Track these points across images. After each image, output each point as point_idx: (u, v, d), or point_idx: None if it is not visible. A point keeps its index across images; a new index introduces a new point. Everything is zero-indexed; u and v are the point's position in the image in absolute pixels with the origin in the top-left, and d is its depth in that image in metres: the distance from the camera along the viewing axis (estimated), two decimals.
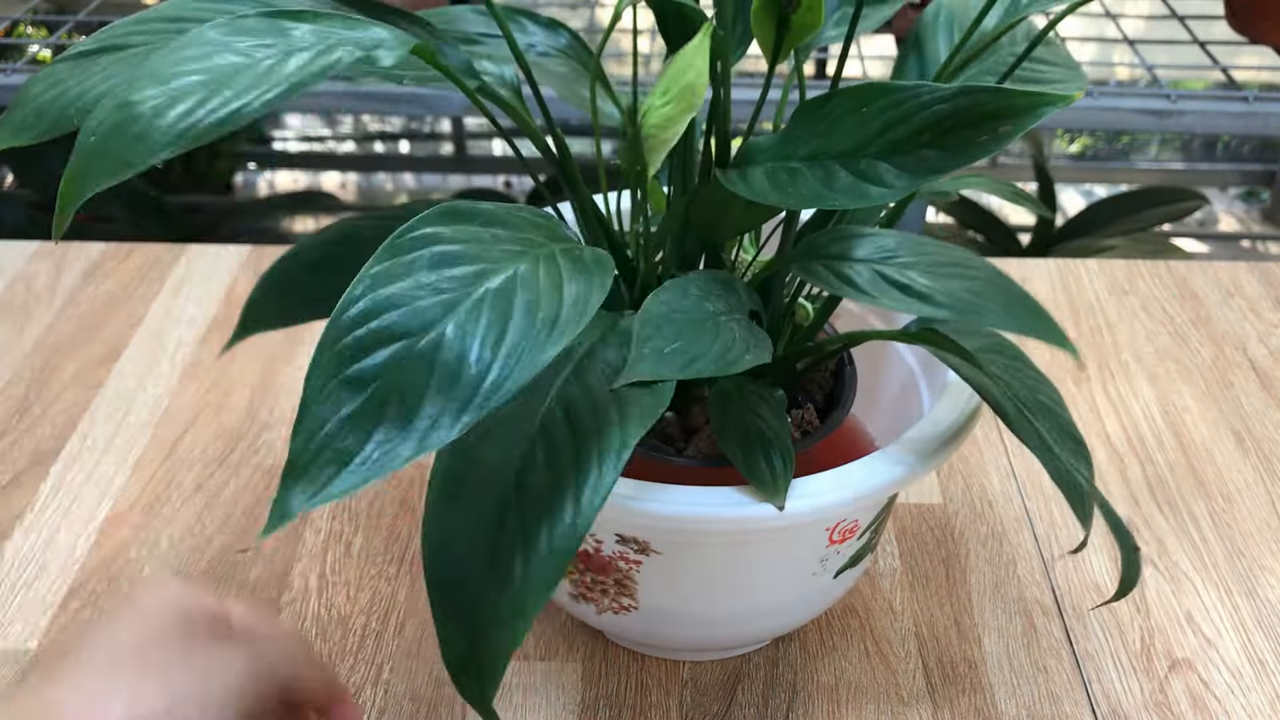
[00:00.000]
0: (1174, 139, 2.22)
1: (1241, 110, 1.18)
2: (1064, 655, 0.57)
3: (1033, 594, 0.60)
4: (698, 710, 0.54)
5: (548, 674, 0.55)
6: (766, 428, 0.45)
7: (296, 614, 0.58)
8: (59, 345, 0.76)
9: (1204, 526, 0.64)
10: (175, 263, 0.85)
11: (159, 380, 0.74)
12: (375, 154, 2.32)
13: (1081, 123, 1.22)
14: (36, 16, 1.64)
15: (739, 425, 0.45)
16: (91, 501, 0.65)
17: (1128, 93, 1.22)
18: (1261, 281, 0.86)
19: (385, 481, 0.66)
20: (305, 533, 0.63)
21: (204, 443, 0.69)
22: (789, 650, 0.57)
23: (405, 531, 0.63)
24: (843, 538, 0.49)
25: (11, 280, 0.83)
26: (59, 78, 0.39)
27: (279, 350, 0.76)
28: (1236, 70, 1.28)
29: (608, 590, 0.50)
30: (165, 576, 0.44)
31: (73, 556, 0.61)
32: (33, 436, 0.69)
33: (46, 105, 0.38)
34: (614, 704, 0.54)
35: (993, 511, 0.65)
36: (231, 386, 0.73)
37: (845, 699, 0.55)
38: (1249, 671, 0.56)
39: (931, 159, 0.41)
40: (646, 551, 0.47)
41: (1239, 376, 0.76)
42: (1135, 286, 0.85)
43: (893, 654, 0.57)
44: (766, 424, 0.46)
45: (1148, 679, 0.56)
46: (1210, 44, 1.30)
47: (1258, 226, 2.16)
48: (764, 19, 0.44)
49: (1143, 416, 0.72)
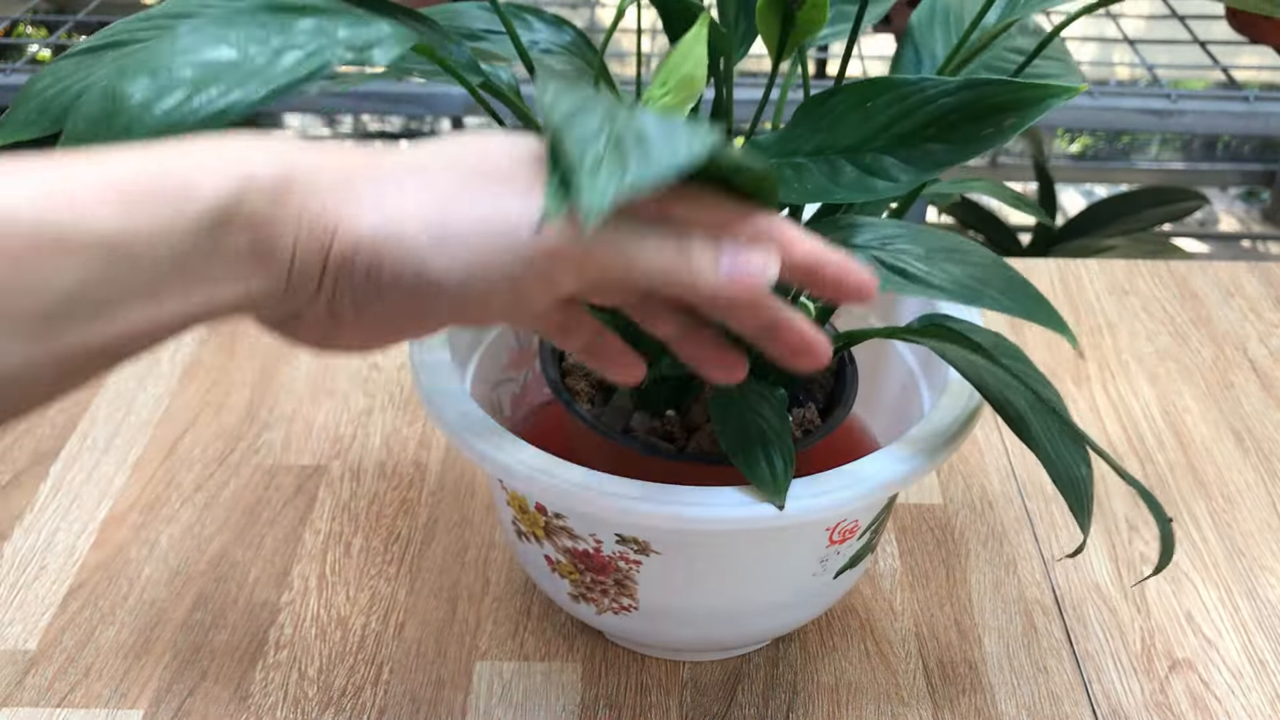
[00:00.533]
0: (1174, 139, 2.22)
1: (1242, 110, 1.18)
2: (1064, 655, 0.57)
3: (1033, 594, 0.60)
4: (698, 710, 0.54)
5: (548, 674, 0.55)
6: (767, 426, 0.45)
7: (296, 614, 0.58)
8: None
9: (1204, 526, 0.64)
10: None
11: (159, 380, 0.74)
12: None
13: (1082, 122, 1.22)
14: (36, 16, 1.64)
15: (740, 424, 0.45)
16: (91, 501, 0.65)
17: (1128, 92, 1.22)
18: (1262, 281, 0.86)
19: (385, 482, 0.66)
20: (305, 533, 0.63)
21: (204, 442, 0.69)
22: (789, 650, 0.57)
23: (405, 531, 0.63)
24: (843, 538, 0.49)
25: None
26: (63, 74, 0.39)
27: (279, 350, 0.76)
28: (1237, 70, 1.28)
29: (608, 590, 0.50)
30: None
31: (72, 556, 0.61)
32: (32, 436, 0.69)
33: (49, 101, 0.38)
34: (614, 704, 0.54)
35: (993, 512, 0.65)
36: (232, 386, 0.73)
37: (845, 699, 0.55)
38: (1249, 671, 0.56)
39: (937, 152, 0.41)
40: (646, 552, 0.47)
41: (1239, 376, 0.76)
42: (1135, 286, 0.85)
43: (893, 654, 0.57)
44: (767, 423, 0.46)
45: (1148, 679, 0.56)
46: (1210, 44, 1.30)
47: (1258, 226, 2.16)
48: (769, 15, 0.44)
49: (1143, 416, 0.72)
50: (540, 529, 0.50)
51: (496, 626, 0.58)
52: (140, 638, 0.57)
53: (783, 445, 0.45)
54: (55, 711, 0.53)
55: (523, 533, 0.51)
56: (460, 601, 0.59)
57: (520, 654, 0.56)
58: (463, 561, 0.61)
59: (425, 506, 0.65)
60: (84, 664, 0.56)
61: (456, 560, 0.61)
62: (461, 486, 0.66)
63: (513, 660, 0.56)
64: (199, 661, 0.56)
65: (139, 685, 0.55)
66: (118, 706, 0.54)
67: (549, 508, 0.48)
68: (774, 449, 0.45)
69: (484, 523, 0.64)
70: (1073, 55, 0.51)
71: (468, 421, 0.47)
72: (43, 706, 0.53)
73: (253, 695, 0.54)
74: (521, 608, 0.59)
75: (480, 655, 0.56)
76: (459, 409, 0.48)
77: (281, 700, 0.54)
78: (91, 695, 0.54)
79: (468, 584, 0.60)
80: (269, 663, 0.56)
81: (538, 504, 0.48)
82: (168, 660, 0.56)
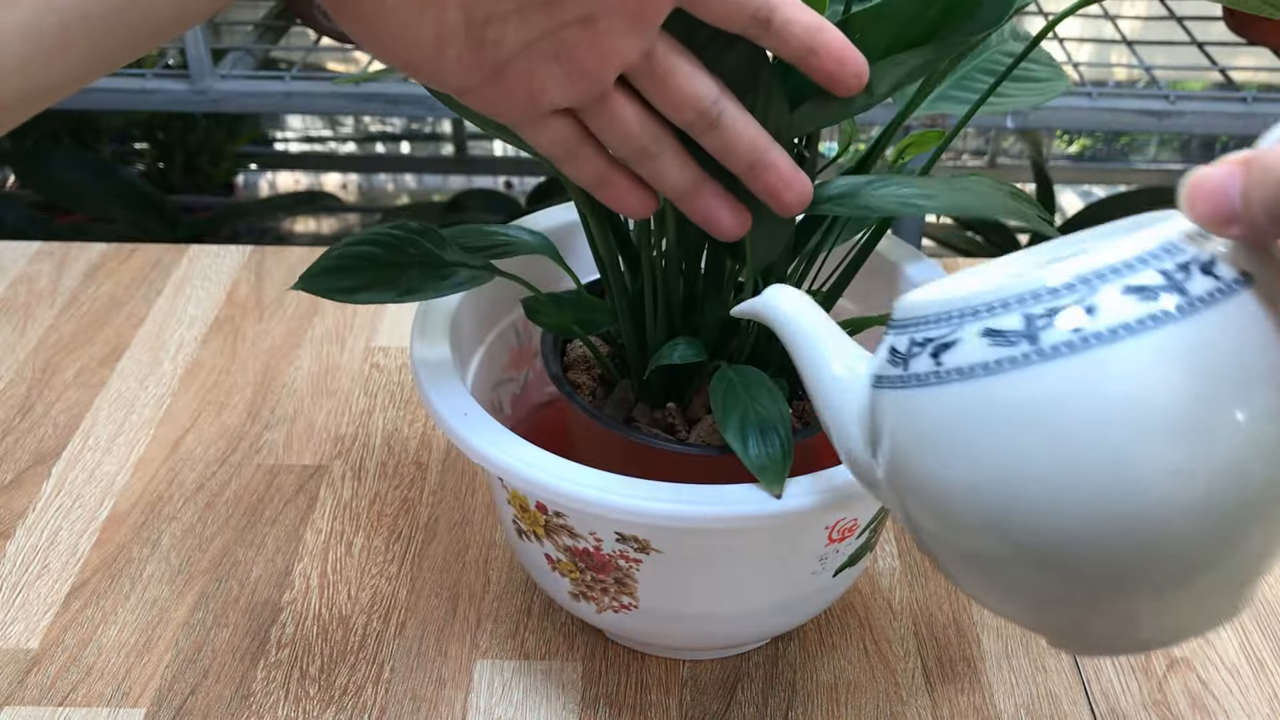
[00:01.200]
0: (1172, 140, 2.22)
1: (1240, 111, 1.18)
2: (1062, 654, 0.57)
3: None
4: (697, 709, 0.54)
5: (548, 673, 0.56)
6: (767, 416, 0.46)
7: (297, 613, 0.58)
8: (61, 345, 0.77)
9: None
10: (176, 263, 0.85)
11: (160, 380, 0.74)
12: (376, 155, 2.33)
13: (1080, 123, 1.22)
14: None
15: (740, 413, 0.46)
16: (93, 501, 0.65)
17: (1126, 93, 1.22)
18: None
19: (386, 481, 0.66)
20: (306, 533, 0.63)
21: (206, 442, 0.69)
22: (788, 649, 0.57)
23: (406, 531, 0.63)
24: (842, 536, 0.49)
25: (13, 281, 0.83)
26: None
27: (280, 350, 0.76)
28: (1235, 71, 1.28)
29: (607, 589, 0.51)
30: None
31: (74, 555, 0.61)
32: (34, 436, 0.69)
33: None
34: (614, 703, 0.54)
35: None
36: (233, 386, 0.73)
37: (844, 698, 0.55)
38: (1247, 671, 0.57)
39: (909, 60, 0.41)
40: (646, 550, 0.48)
41: None
42: None
43: (892, 653, 0.57)
44: (767, 412, 0.46)
45: (1146, 678, 0.56)
46: (1208, 45, 1.31)
47: None
48: None
49: None
50: (540, 527, 0.50)
51: (497, 625, 0.58)
52: (142, 636, 0.57)
53: (782, 434, 0.45)
54: (57, 710, 0.54)
55: (523, 531, 0.51)
56: (461, 600, 0.59)
57: (521, 653, 0.57)
58: (463, 560, 0.62)
59: (426, 506, 0.65)
60: (86, 663, 0.56)
61: (457, 559, 0.62)
62: (462, 486, 0.66)
63: (513, 659, 0.56)
64: (201, 660, 0.56)
65: (141, 684, 0.55)
66: (119, 705, 0.54)
67: (549, 506, 0.48)
68: (773, 437, 0.45)
69: (484, 522, 0.64)
70: (1070, 56, 0.51)
71: (468, 421, 0.48)
72: (45, 705, 0.54)
73: (254, 694, 0.54)
74: (522, 606, 0.59)
75: (481, 654, 0.57)
76: (460, 408, 0.48)
77: (283, 699, 0.54)
78: (93, 694, 0.54)
79: (468, 583, 0.60)
80: (271, 661, 0.56)
81: (538, 503, 0.49)
82: (169, 659, 0.56)
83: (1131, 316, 0.30)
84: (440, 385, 0.50)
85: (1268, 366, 0.30)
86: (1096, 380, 0.30)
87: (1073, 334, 0.31)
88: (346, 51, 1.95)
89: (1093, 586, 0.32)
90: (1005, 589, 0.34)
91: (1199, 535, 0.31)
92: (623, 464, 0.46)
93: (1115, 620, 0.33)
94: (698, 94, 0.40)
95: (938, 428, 0.33)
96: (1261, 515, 0.31)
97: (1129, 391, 0.30)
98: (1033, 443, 0.31)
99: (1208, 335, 0.30)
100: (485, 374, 0.59)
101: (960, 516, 0.33)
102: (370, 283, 0.49)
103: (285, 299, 0.81)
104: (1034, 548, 0.32)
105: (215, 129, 1.97)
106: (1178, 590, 0.32)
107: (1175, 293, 0.30)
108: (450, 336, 0.53)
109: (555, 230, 0.58)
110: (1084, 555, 0.31)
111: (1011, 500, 0.31)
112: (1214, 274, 0.31)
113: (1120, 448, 0.30)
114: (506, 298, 0.58)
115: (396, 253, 0.50)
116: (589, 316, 0.52)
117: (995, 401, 0.32)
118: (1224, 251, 0.31)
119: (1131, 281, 0.31)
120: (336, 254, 0.50)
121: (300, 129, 2.30)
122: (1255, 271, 0.31)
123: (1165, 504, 0.30)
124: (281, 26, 1.55)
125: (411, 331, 0.53)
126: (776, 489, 0.44)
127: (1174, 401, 0.30)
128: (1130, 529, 0.30)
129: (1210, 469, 0.30)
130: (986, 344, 0.32)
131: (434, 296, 0.50)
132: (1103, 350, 0.30)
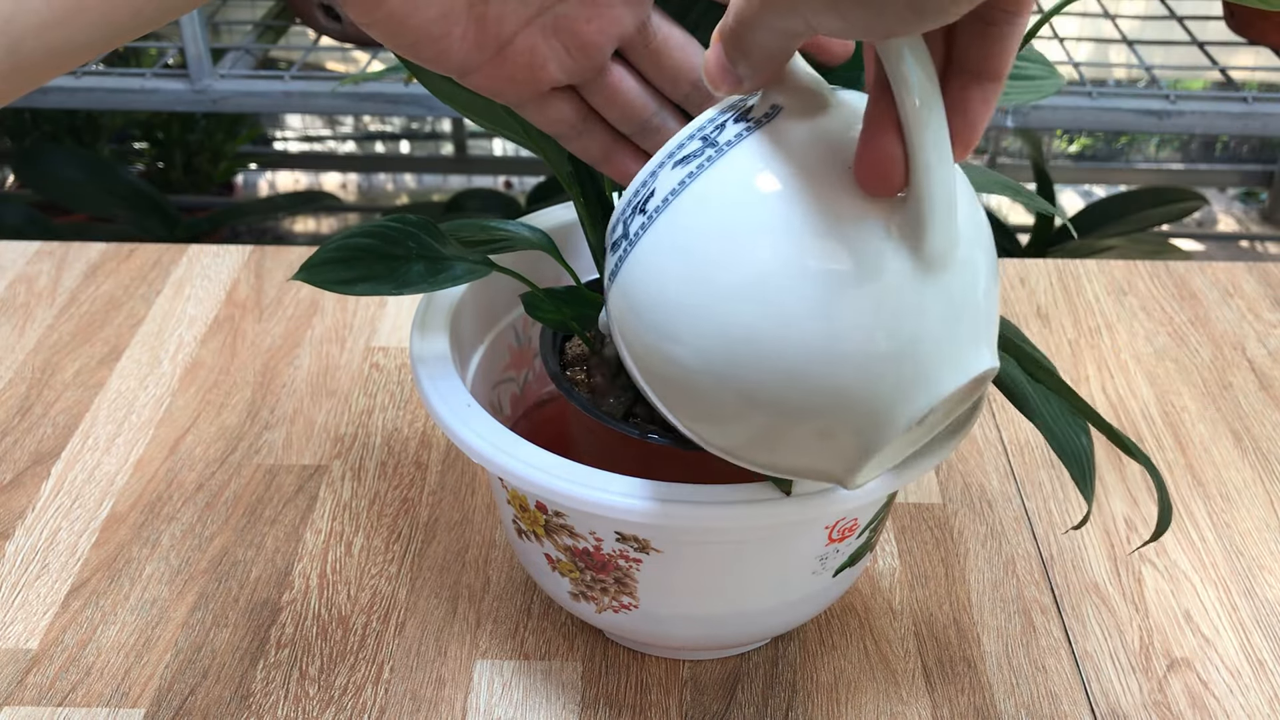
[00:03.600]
0: (1173, 139, 2.22)
1: (1240, 110, 1.18)
2: (1063, 654, 0.57)
3: (1031, 593, 0.60)
4: (697, 709, 0.54)
5: (548, 673, 0.56)
6: None
7: (297, 613, 0.58)
8: (60, 345, 0.77)
9: (1203, 526, 0.65)
10: (176, 263, 0.85)
11: (160, 380, 0.74)
12: (376, 154, 2.33)
13: (1081, 123, 1.22)
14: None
15: None
16: (93, 501, 0.65)
17: (1126, 93, 1.22)
18: (1260, 282, 0.86)
19: (386, 481, 0.66)
20: (306, 533, 0.63)
21: (205, 442, 0.69)
22: (789, 649, 0.57)
23: (406, 531, 0.63)
24: (842, 536, 0.49)
25: (12, 280, 0.83)
26: None
27: (279, 350, 0.76)
28: (1235, 70, 1.28)
29: (608, 589, 0.51)
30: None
31: (74, 555, 0.61)
32: (34, 436, 0.69)
33: None
34: (614, 703, 0.54)
35: (992, 511, 0.65)
36: (232, 386, 0.73)
37: (844, 698, 0.55)
38: (1248, 671, 0.57)
39: None
40: (646, 550, 0.48)
41: (1238, 377, 0.76)
42: (1134, 286, 0.85)
43: (892, 653, 0.57)
44: None
45: (1146, 678, 0.56)
46: (1208, 44, 1.31)
47: (1256, 227, 2.17)
48: None
49: (1141, 416, 0.73)
50: (540, 527, 0.50)
51: (497, 625, 0.58)
52: (141, 637, 0.57)
53: None
54: (57, 710, 0.53)
55: (523, 531, 0.51)
56: (461, 600, 0.59)
57: (521, 653, 0.57)
58: (463, 560, 0.62)
59: (426, 506, 0.65)
60: (85, 663, 0.56)
61: (457, 559, 0.62)
62: (462, 486, 0.66)
63: (513, 659, 0.56)
64: (200, 660, 0.56)
65: (140, 684, 0.55)
66: (119, 705, 0.54)
67: (549, 506, 0.48)
68: None
69: (484, 522, 0.64)
70: (1069, 55, 0.51)
71: (468, 421, 0.48)
72: (44, 705, 0.54)
73: (254, 694, 0.54)
74: (522, 606, 0.59)
75: (481, 654, 0.57)
76: (460, 408, 0.48)
77: (283, 699, 0.54)
78: (93, 694, 0.54)
79: (468, 583, 0.60)
80: (270, 662, 0.56)
81: (538, 502, 0.48)
82: (169, 659, 0.56)
83: (675, 180, 0.37)
84: (440, 385, 0.50)
85: (804, 170, 0.36)
86: (671, 235, 0.37)
87: (648, 217, 0.38)
88: (346, 51, 1.94)
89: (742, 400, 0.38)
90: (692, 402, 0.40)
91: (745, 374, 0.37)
92: (622, 462, 0.46)
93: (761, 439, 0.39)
94: (693, 65, 0.42)
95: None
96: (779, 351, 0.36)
97: (686, 243, 0.37)
98: (667, 278, 0.38)
99: (738, 166, 0.37)
100: (485, 374, 0.58)
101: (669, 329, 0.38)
102: (369, 274, 0.50)
103: (285, 299, 0.81)
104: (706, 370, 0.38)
105: (215, 128, 1.97)
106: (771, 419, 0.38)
107: (709, 147, 0.37)
108: (450, 336, 0.53)
109: (555, 229, 0.58)
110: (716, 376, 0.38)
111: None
112: (747, 119, 0.37)
113: (692, 294, 0.37)
114: (506, 297, 0.58)
115: (395, 245, 0.50)
116: (588, 312, 0.52)
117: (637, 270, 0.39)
118: (758, 97, 0.38)
119: (678, 155, 0.38)
120: (336, 245, 0.50)
121: (300, 128, 2.30)
122: (783, 101, 0.38)
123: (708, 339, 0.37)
124: (281, 26, 1.55)
125: (411, 331, 0.53)
126: (785, 486, 0.44)
127: (722, 227, 0.36)
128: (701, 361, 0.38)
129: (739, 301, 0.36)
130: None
131: (432, 289, 0.50)
132: (665, 216, 0.37)
